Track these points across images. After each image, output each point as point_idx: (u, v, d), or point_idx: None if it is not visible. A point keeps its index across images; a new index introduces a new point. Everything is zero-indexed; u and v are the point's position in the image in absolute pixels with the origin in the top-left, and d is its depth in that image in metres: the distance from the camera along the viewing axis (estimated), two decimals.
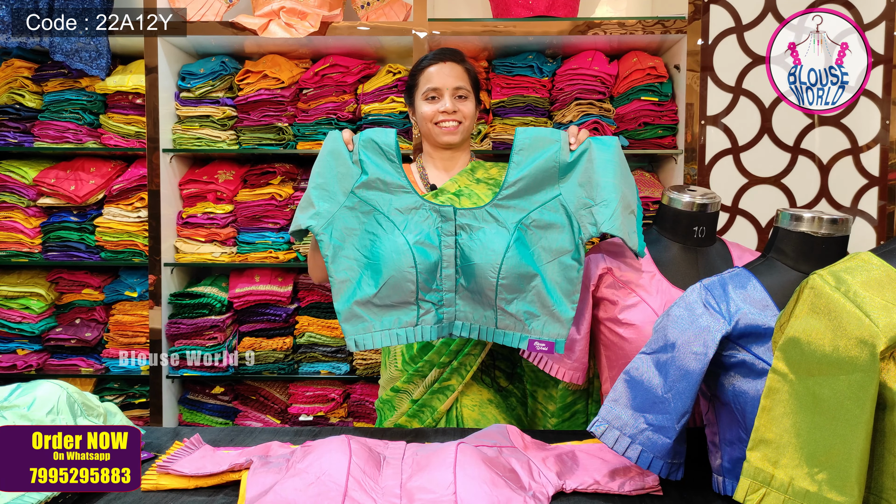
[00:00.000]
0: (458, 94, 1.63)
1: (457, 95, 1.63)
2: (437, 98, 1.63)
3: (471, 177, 1.65)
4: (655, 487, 1.18)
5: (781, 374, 0.96)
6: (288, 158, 2.67)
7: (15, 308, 2.59)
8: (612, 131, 2.47)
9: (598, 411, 1.19)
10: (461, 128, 1.64)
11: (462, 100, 1.64)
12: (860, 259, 0.97)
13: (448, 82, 1.63)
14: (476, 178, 1.65)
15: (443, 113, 1.62)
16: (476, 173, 1.66)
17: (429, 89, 1.64)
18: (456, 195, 1.60)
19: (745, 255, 1.50)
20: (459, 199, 1.60)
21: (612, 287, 1.46)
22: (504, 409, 1.65)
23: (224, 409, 2.63)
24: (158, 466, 1.23)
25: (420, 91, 1.66)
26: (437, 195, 1.60)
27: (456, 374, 1.62)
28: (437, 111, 1.63)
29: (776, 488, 0.95)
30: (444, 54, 1.67)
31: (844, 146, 2.42)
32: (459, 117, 1.63)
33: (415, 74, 1.69)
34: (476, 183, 1.63)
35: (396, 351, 1.69)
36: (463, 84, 1.64)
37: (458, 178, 1.64)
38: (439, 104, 1.63)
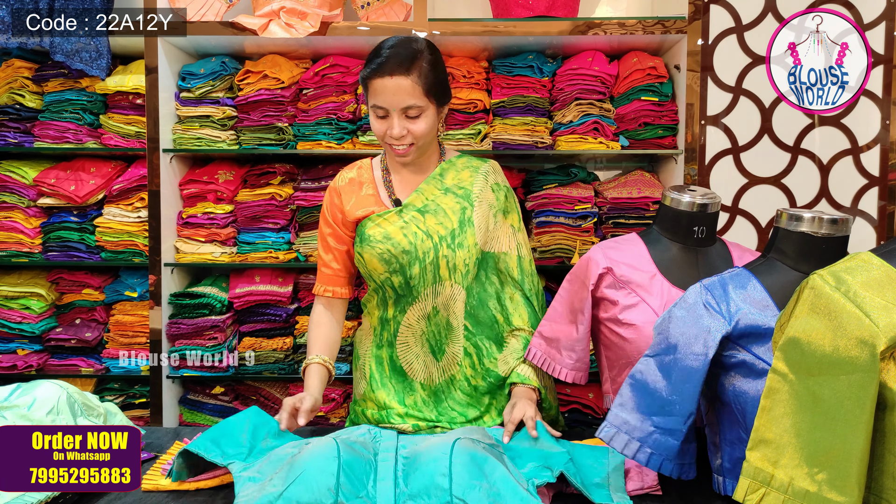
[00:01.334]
0: (409, 113, 1.46)
1: (407, 115, 1.46)
2: (385, 116, 1.47)
3: (439, 184, 1.55)
4: (655, 487, 1.18)
5: (781, 374, 0.96)
6: (288, 158, 2.67)
7: (15, 308, 2.59)
8: (613, 131, 2.47)
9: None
10: (413, 149, 1.50)
11: (413, 119, 1.46)
12: (860, 259, 0.97)
13: (394, 102, 1.44)
14: (445, 187, 1.55)
15: (391, 136, 1.47)
16: (445, 179, 1.56)
17: (375, 105, 1.47)
18: (420, 212, 1.52)
19: (745, 256, 1.50)
20: (424, 216, 1.52)
21: (612, 287, 1.46)
22: None
23: (224, 409, 2.63)
24: (163, 469, 1.24)
25: (369, 101, 1.49)
26: (400, 212, 1.52)
27: None
28: (385, 132, 1.48)
29: (776, 488, 0.95)
30: (389, 65, 1.44)
31: (844, 146, 2.42)
32: (410, 139, 1.48)
33: (363, 79, 1.50)
34: (444, 193, 1.54)
35: (366, 364, 1.63)
36: (413, 101, 1.44)
37: (425, 187, 1.54)
38: (387, 124, 1.47)
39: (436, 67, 1.50)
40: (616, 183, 2.57)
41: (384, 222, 1.54)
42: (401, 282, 1.54)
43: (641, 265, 1.46)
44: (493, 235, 1.59)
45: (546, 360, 1.52)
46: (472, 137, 2.50)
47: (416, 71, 1.45)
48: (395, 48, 1.47)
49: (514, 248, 1.61)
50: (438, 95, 1.51)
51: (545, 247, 2.48)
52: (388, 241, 1.52)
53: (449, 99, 1.56)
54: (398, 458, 1.15)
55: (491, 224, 1.59)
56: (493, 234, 1.59)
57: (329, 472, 1.08)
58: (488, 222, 1.58)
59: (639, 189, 2.51)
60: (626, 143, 2.48)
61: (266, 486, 1.09)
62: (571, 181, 2.54)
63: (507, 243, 1.61)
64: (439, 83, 1.51)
